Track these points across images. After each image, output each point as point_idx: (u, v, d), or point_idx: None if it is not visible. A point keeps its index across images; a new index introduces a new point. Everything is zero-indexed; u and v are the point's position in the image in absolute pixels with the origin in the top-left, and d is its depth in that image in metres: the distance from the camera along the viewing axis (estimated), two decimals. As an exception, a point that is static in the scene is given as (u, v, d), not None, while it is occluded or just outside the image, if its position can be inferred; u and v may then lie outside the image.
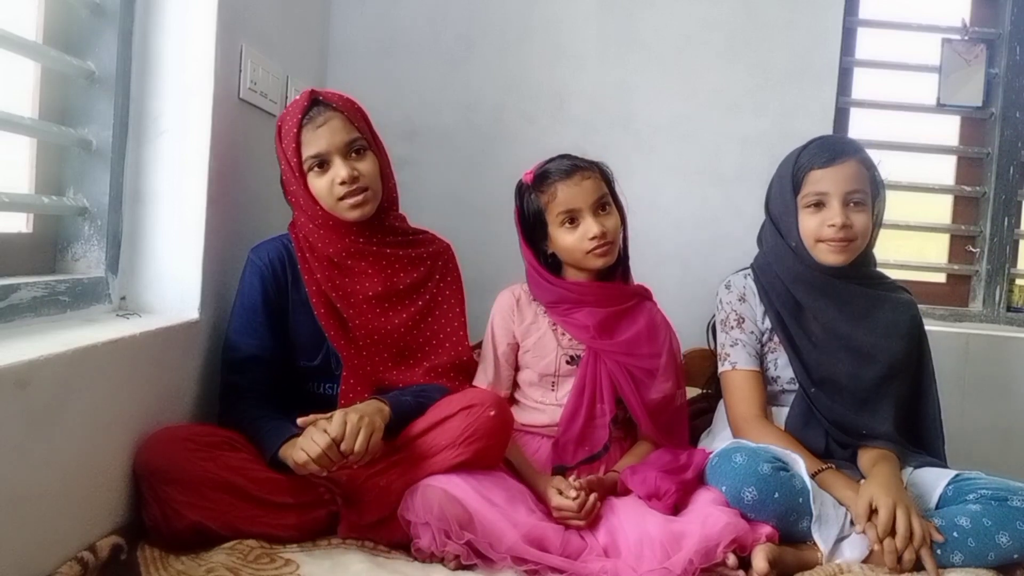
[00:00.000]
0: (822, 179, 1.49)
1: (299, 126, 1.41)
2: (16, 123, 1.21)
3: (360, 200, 1.43)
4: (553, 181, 1.52)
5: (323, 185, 1.42)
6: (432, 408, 1.36)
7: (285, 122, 1.44)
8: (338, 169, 1.40)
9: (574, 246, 1.52)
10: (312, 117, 1.41)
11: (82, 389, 1.10)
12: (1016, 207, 2.27)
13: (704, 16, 2.14)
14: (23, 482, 0.99)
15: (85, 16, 1.35)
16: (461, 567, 1.23)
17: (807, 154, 1.53)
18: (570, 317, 1.55)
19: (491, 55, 2.14)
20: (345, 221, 1.45)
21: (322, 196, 1.43)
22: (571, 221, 1.51)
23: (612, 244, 1.53)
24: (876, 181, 1.53)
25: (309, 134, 1.41)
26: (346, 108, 1.44)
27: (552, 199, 1.51)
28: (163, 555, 1.17)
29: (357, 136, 1.44)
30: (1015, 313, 2.28)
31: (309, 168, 1.42)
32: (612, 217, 1.53)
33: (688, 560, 1.21)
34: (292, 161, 1.42)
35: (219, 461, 1.25)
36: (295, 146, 1.41)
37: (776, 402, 1.58)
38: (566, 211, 1.50)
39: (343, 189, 1.40)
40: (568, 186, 1.50)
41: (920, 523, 1.26)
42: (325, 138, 1.40)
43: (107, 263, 1.38)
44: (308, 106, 1.42)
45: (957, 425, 1.63)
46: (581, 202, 1.50)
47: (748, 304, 1.60)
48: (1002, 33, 2.26)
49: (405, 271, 1.51)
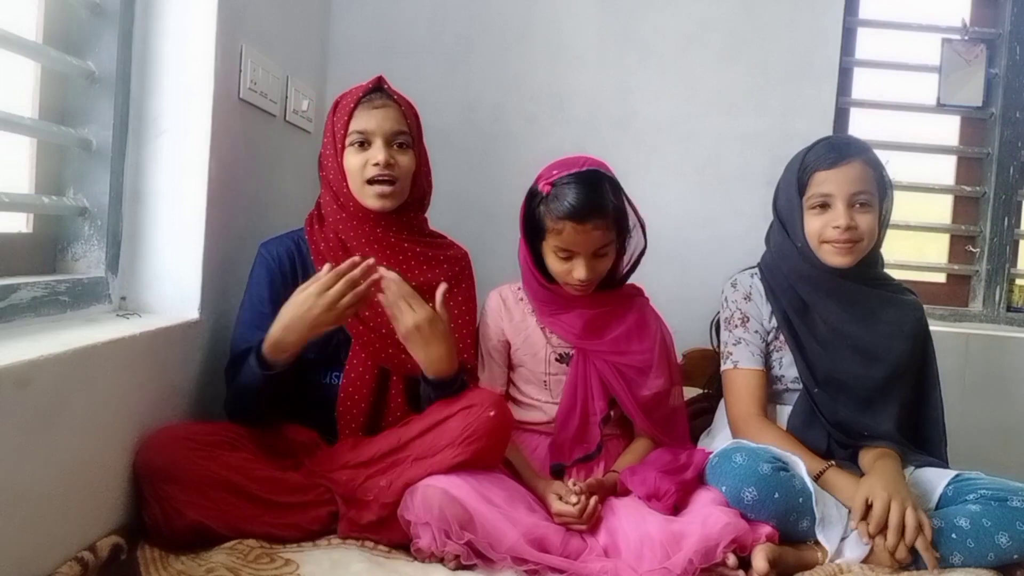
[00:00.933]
0: (827, 180, 1.49)
1: (357, 102, 1.46)
2: (16, 123, 1.21)
3: (387, 191, 1.45)
4: (564, 217, 1.44)
5: (357, 162, 1.45)
6: (432, 408, 1.36)
7: (344, 98, 1.49)
8: (376, 152, 1.44)
9: (560, 274, 1.51)
10: (371, 99, 1.47)
11: (82, 389, 1.10)
12: (1016, 207, 2.27)
13: (704, 16, 2.14)
14: (23, 482, 0.99)
15: (85, 16, 1.35)
16: (461, 567, 1.23)
17: (813, 155, 1.53)
18: (557, 319, 1.56)
19: (491, 55, 2.14)
20: (359, 210, 1.46)
21: (353, 174, 1.46)
22: (566, 257, 1.49)
23: (591, 284, 1.51)
24: (883, 181, 1.52)
25: (363, 112, 1.46)
26: (403, 103, 1.50)
27: (557, 233, 1.46)
28: (163, 555, 1.17)
29: (404, 130, 1.48)
30: (1015, 313, 2.29)
31: (351, 143, 1.45)
32: (606, 260, 1.51)
33: (688, 560, 1.21)
34: (339, 133, 1.46)
35: (219, 460, 1.25)
36: (346, 119, 1.45)
37: (779, 401, 1.58)
38: (565, 249, 1.48)
39: (374, 171, 1.44)
40: (577, 232, 1.44)
41: (914, 516, 1.26)
42: (376, 120, 1.45)
43: (107, 263, 1.38)
44: (371, 88, 1.48)
45: (957, 425, 1.63)
46: (582, 249, 1.46)
47: (754, 303, 1.60)
48: (1002, 33, 2.26)
49: (419, 269, 1.51)
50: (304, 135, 1.96)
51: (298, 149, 1.93)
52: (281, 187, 1.83)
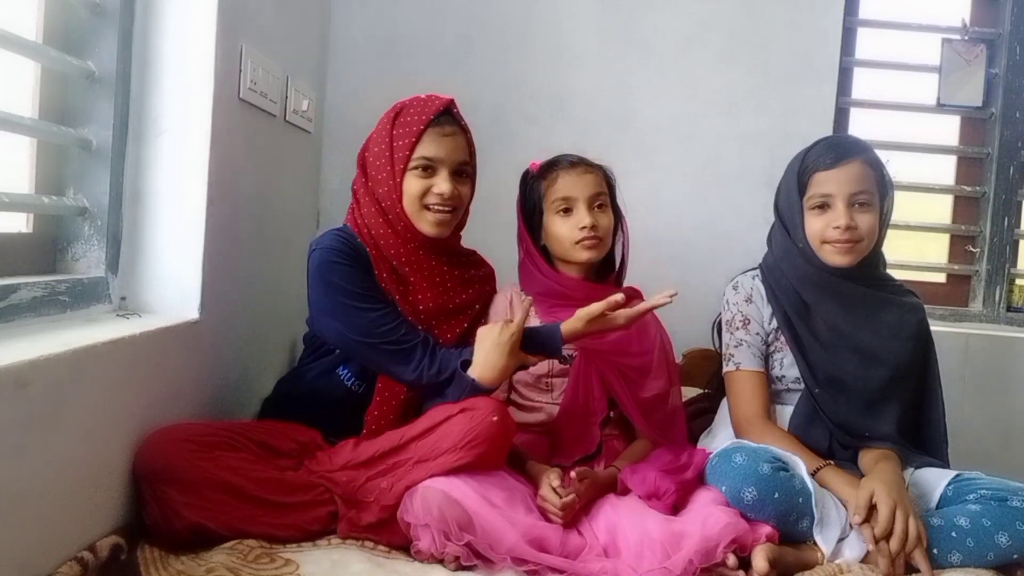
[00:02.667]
0: (827, 180, 1.49)
1: (426, 124, 1.43)
2: (16, 123, 1.21)
3: (446, 219, 1.46)
4: (556, 170, 1.57)
5: (418, 188, 1.43)
6: (432, 410, 1.36)
7: (410, 113, 1.45)
8: (443, 182, 1.43)
9: (565, 235, 1.54)
10: (442, 123, 1.45)
11: (82, 389, 1.10)
12: (1016, 207, 2.27)
13: (704, 16, 2.14)
14: (23, 482, 0.99)
15: (85, 16, 1.35)
16: (461, 568, 1.23)
17: (813, 155, 1.53)
18: (559, 316, 1.55)
19: (491, 55, 2.14)
20: (408, 230, 1.45)
21: (411, 198, 1.44)
22: (566, 211, 1.54)
23: (601, 240, 1.55)
24: (883, 181, 1.52)
25: (433, 136, 1.44)
26: (468, 134, 1.51)
27: (552, 185, 1.56)
28: (163, 555, 1.17)
29: (468, 161, 1.50)
30: (1015, 313, 2.29)
31: (416, 166, 1.43)
32: (606, 216, 1.57)
33: (688, 560, 1.21)
34: (401, 152, 1.43)
35: (219, 461, 1.25)
36: (413, 140, 1.42)
37: (780, 401, 1.58)
38: (563, 199, 1.54)
39: (437, 200, 1.43)
40: (570, 175, 1.55)
41: (916, 525, 1.26)
42: (447, 148, 1.44)
43: (107, 263, 1.38)
44: (441, 111, 1.45)
45: (957, 425, 1.63)
46: (579, 192, 1.54)
47: (755, 305, 1.60)
48: (1002, 33, 2.26)
49: (456, 291, 1.53)
50: (304, 135, 1.96)
51: (298, 149, 1.93)
52: (281, 187, 1.83)
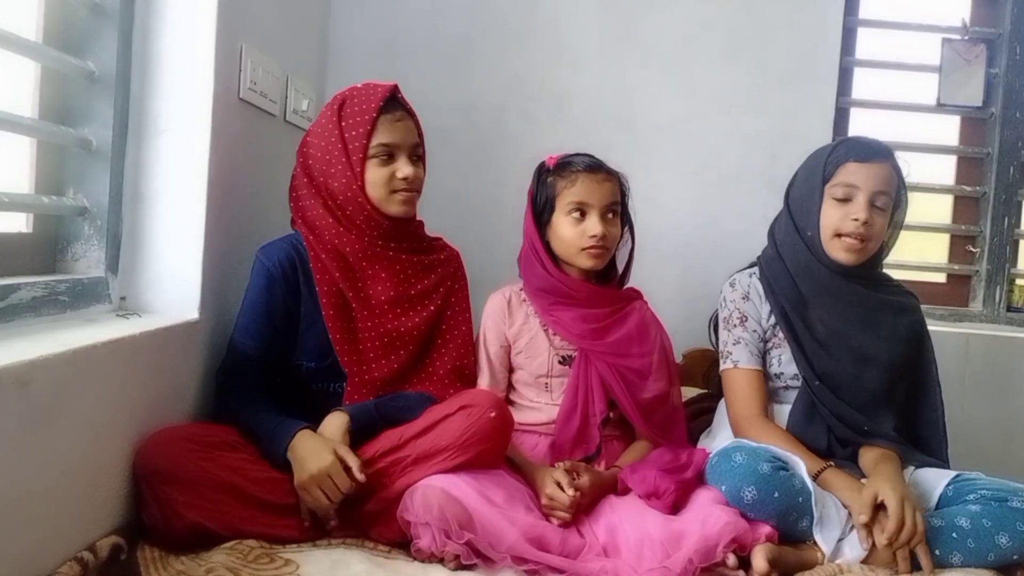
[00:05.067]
0: (856, 172, 1.49)
1: (378, 112, 1.44)
2: (16, 123, 1.21)
3: (412, 198, 1.48)
4: (577, 170, 1.55)
5: (382, 175, 1.45)
6: (431, 409, 1.36)
7: (356, 103, 1.45)
8: (405, 166, 1.45)
9: (573, 240, 1.53)
10: (391, 109, 1.46)
11: (82, 389, 1.10)
12: (1016, 207, 2.27)
13: (704, 16, 2.14)
14: (23, 482, 0.99)
15: (85, 16, 1.35)
16: (461, 567, 1.23)
17: (845, 146, 1.54)
18: (558, 316, 1.56)
19: (491, 55, 2.14)
20: (370, 219, 1.46)
21: (376, 186, 1.45)
22: (579, 214, 1.53)
23: (606, 250, 1.55)
24: (901, 192, 1.55)
25: (387, 124, 1.45)
26: (415, 117, 1.52)
27: (570, 186, 1.54)
28: (163, 555, 1.17)
29: (420, 143, 1.51)
30: (1015, 313, 2.29)
31: (375, 155, 1.44)
32: (615, 226, 1.57)
33: (688, 559, 1.21)
34: (357, 143, 1.43)
35: (219, 461, 1.25)
36: (368, 129, 1.43)
37: (779, 399, 1.58)
38: (578, 203, 1.53)
39: (402, 184, 1.45)
40: (590, 180, 1.54)
41: (922, 521, 1.27)
42: (401, 133, 1.46)
43: (107, 263, 1.38)
44: (388, 98, 1.46)
45: (957, 425, 1.63)
46: (595, 200, 1.53)
47: (752, 303, 1.60)
48: (1002, 33, 2.26)
49: (416, 277, 1.52)
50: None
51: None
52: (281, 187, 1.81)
